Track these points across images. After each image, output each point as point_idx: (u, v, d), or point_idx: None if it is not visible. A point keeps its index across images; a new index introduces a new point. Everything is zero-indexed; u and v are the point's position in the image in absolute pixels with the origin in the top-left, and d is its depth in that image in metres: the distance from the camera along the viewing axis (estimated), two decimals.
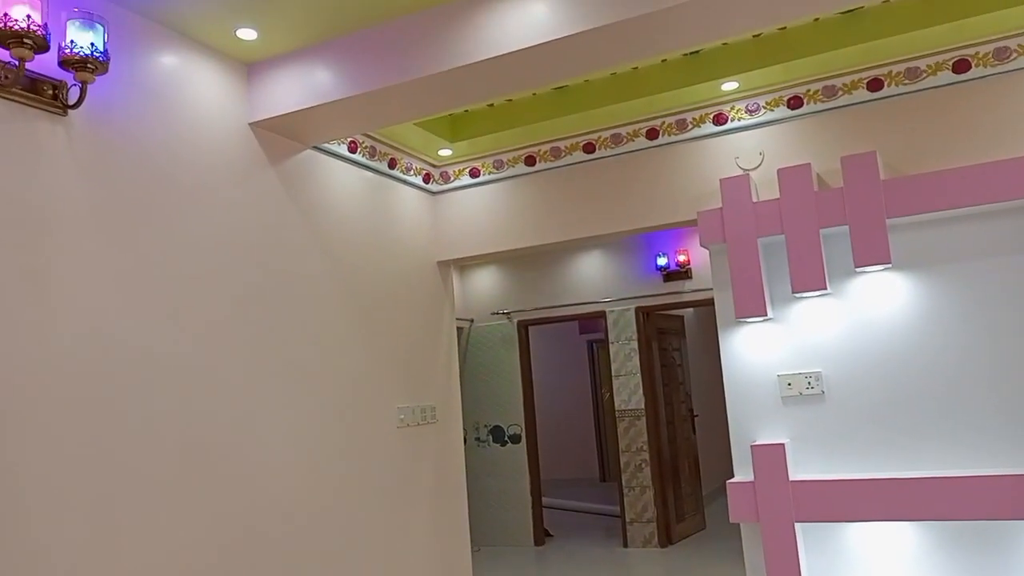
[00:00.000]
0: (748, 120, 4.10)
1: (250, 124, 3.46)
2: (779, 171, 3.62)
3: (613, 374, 7.25)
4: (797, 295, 3.62)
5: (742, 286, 3.67)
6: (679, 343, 7.94)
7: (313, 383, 3.68)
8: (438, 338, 4.80)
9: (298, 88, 3.37)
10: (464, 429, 7.77)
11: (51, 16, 2.54)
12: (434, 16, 3.13)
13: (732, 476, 5.57)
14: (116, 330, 2.72)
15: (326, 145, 3.97)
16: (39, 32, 2.37)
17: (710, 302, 6.68)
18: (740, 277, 3.68)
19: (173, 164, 3.05)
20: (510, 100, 4.44)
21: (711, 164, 4.17)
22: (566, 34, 2.89)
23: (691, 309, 9.22)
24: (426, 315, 4.71)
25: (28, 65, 2.49)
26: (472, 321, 7.92)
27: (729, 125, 4.14)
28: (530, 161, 4.65)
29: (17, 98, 2.49)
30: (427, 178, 4.86)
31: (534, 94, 4.36)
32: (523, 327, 7.74)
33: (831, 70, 3.88)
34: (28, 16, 2.35)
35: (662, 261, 7.05)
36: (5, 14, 2.33)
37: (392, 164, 4.52)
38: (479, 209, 4.79)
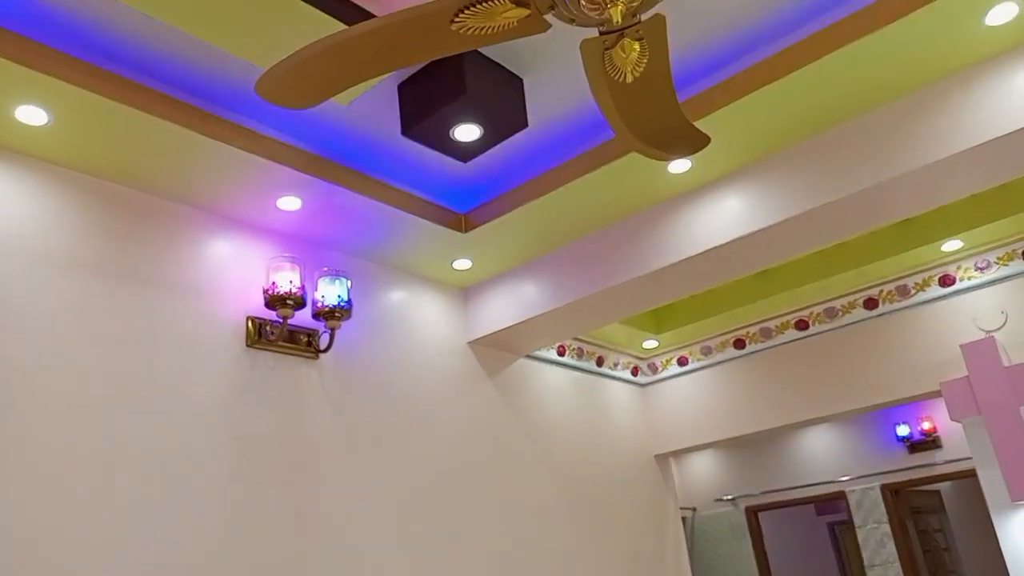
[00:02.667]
0: (980, 278, 3.76)
1: (468, 342, 3.73)
2: None
3: (866, 564, 6.40)
4: None
5: (1011, 464, 3.21)
6: (940, 522, 6.92)
7: None
8: (664, 535, 4.57)
9: (509, 306, 3.61)
10: None
11: (306, 275, 2.98)
12: (629, 225, 3.29)
13: None
14: (361, 542, 2.88)
15: (537, 352, 4.15)
16: (298, 293, 2.79)
17: (972, 474, 5.83)
18: (1006, 453, 3.23)
19: (404, 387, 3.33)
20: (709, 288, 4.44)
21: (945, 329, 3.83)
22: (763, 226, 2.91)
23: (948, 482, 8.08)
24: (649, 512, 4.53)
25: (290, 321, 2.91)
26: (695, 510, 7.47)
27: (959, 286, 3.82)
28: (739, 344, 4.54)
29: (281, 349, 2.90)
30: (635, 371, 4.88)
31: (737, 281, 4.33)
32: (752, 513, 7.17)
33: None
34: (290, 281, 2.79)
35: (903, 431, 6.35)
36: (273, 283, 2.78)
37: (600, 362, 4.61)
38: (691, 398, 4.69)
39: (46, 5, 2.04)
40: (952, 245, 3.73)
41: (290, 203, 2.86)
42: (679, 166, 2.96)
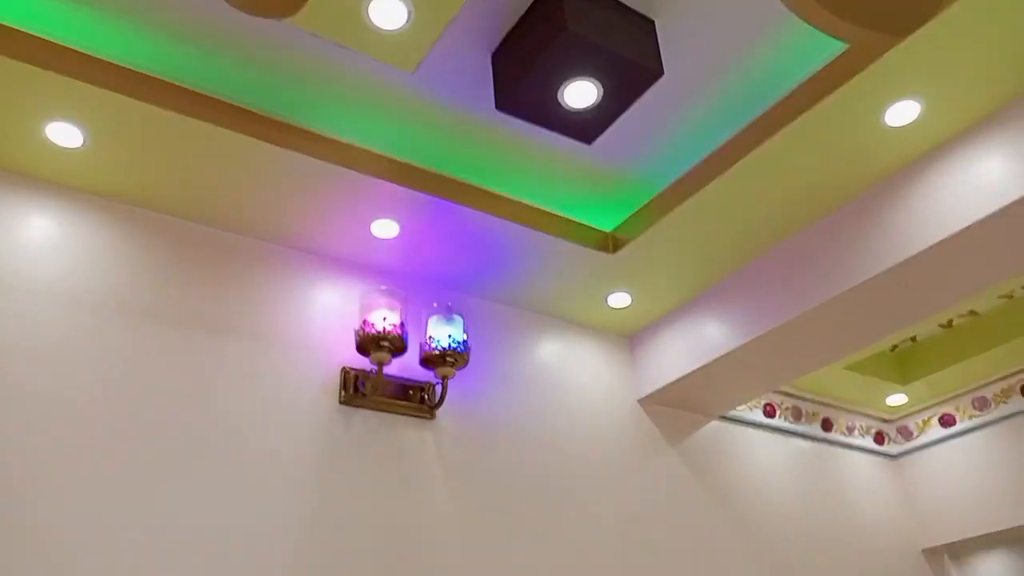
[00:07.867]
0: None
1: (638, 400, 2.94)
2: None
3: None
4: None
5: None
6: None
7: None
8: None
9: (685, 349, 2.79)
10: None
11: (412, 317, 2.42)
12: (841, 216, 2.40)
13: None
14: None
15: (736, 413, 3.22)
16: (396, 332, 2.23)
17: None
18: None
19: (549, 455, 2.59)
20: (972, 312, 3.27)
21: None
22: None
23: None
24: None
25: (395, 372, 2.35)
26: None
27: None
28: None
29: (383, 406, 2.32)
30: (880, 438, 3.72)
31: (1010, 295, 3.15)
32: None
33: None
34: (384, 318, 2.23)
35: None
36: (365, 321, 2.24)
37: (827, 425, 3.54)
38: (967, 470, 3.42)
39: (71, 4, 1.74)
40: None
41: (387, 228, 2.36)
42: (901, 113, 2.07)
